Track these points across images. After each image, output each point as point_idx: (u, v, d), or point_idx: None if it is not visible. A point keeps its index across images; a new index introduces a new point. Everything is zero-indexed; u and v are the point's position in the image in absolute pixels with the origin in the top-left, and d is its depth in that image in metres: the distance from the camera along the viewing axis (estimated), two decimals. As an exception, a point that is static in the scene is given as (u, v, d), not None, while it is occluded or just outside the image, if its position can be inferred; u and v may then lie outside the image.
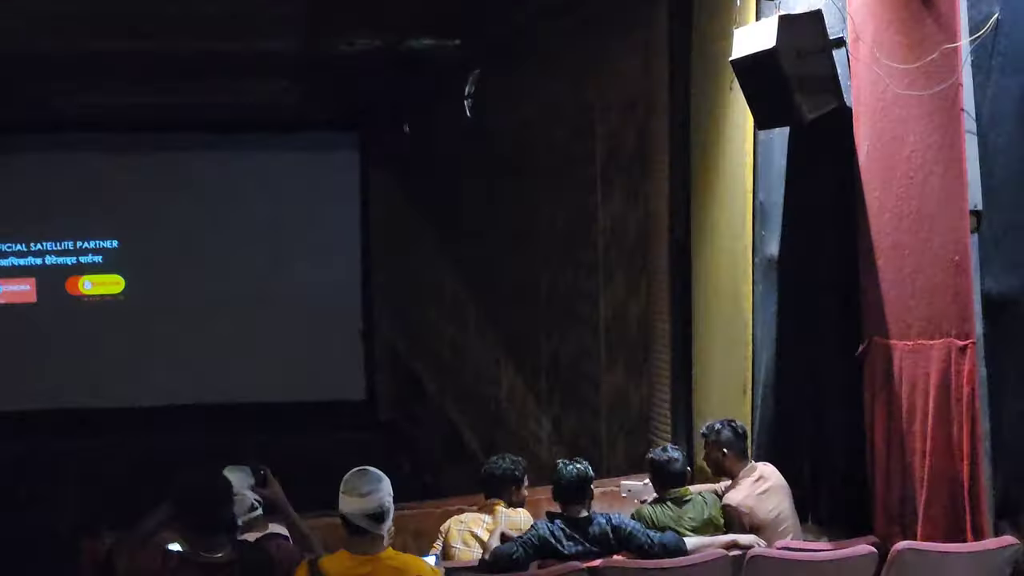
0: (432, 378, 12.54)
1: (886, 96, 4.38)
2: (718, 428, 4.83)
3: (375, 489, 3.52)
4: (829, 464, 4.91)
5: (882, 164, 4.46)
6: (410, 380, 13.17)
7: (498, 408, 10.32)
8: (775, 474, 4.73)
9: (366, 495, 3.50)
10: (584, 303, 8.21)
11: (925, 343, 4.25)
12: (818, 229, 4.97)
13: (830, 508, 4.87)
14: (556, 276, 8.92)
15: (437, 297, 12.37)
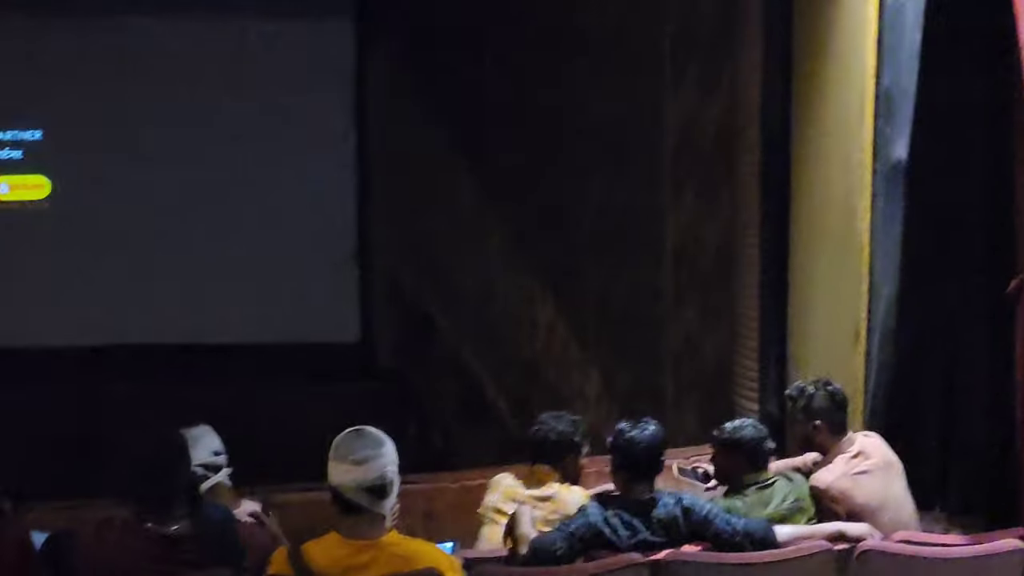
0: (445, 316, 12.57)
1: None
2: (810, 392, 4.77)
3: (375, 455, 3.55)
4: (965, 435, 4.92)
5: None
6: (417, 318, 13.20)
7: (533, 357, 10.36)
8: (881, 449, 4.71)
9: (363, 463, 3.53)
10: (645, 221, 8.20)
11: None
12: (962, 128, 4.91)
13: (964, 492, 4.87)
14: (609, 186, 8.88)
15: (453, 211, 12.34)
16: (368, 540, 3.56)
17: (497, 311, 11.24)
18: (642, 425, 4.29)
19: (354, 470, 3.52)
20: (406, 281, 13.65)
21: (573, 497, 4.69)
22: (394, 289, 13.95)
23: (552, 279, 10.05)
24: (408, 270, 13.67)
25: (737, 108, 6.85)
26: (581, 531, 4.07)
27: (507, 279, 11.02)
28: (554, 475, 4.78)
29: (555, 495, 4.70)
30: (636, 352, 8.42)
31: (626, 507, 4.16)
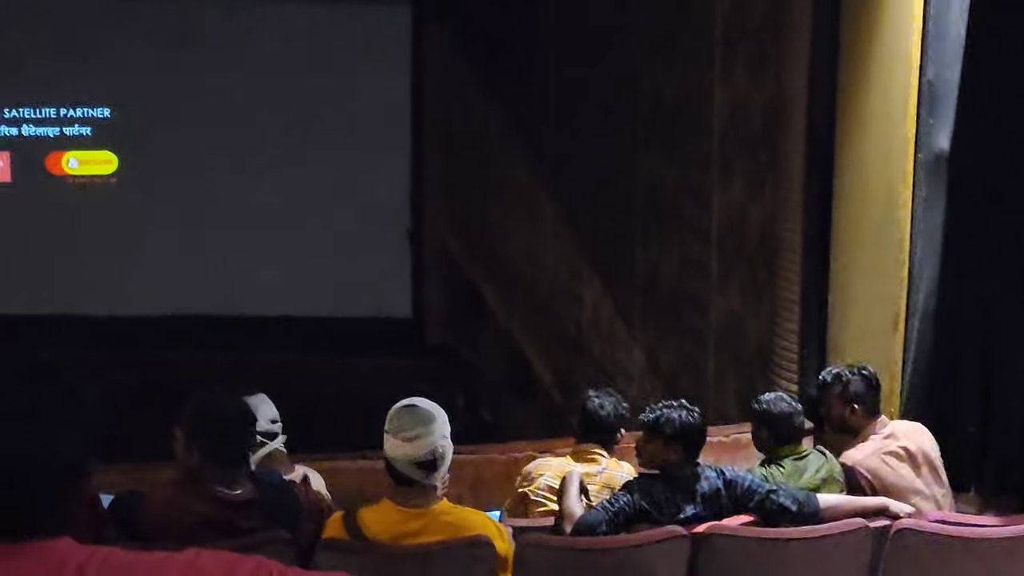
0: (495, 293, 12.61)
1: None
2: (847, 377, 4.80)
3: (426, 431, 3.57)
4: (1002, 420, 4.89)
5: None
6: (467, 295, 13.27)
7: (579, 333, 10.37)
8: (914, 434, 4.70)
9: (415, 439, 3.55)
10: (692, 204, 8.18)
11: None
12: (1007, 118, 4.85)
13: (1001, 475, 4.85)
14: (657, 168, 8.87)
15: (505, 192, 12.37)
16: (420, 509, 3.60)
17: (545, 288, 11.28)
18: (693, 411, 4.28)
19: (406, 446, 3.55)
20: (458, 259, 13.72)
21: (622, 472, 4.72)
22: (446, 267, 14.02)
23: (600, 257, 10.06)
24: (460, 249, 13.73)
25: (784, 95, 6.81)
26: (625, 508, 4.06)
27: (555, 257, 11.04)
28: (603, 451, 4.81)
29: (604, 470, 4.72)
30: (679, 330, 8.42)
31: (670, 483, 4.14)
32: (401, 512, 3.60)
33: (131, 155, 13.76)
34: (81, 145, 13.91)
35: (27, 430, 1.75)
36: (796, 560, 3.77)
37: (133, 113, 13.61)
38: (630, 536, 3.87)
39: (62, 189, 13.89)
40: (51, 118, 13.81)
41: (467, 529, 3.62)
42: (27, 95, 13.68)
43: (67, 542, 1.74)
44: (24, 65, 13.25)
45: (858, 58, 6.07)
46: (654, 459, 4.25)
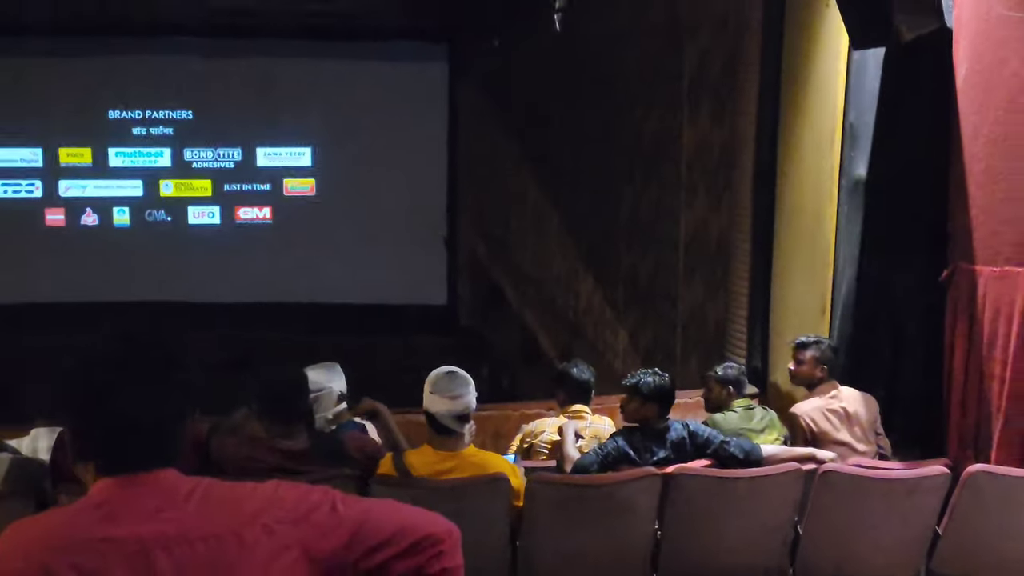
0: (511, 286, 12.60)
1: (989, 17, 4.18)
2: (824, 344, 4.80)
3: (465, 392, 3.60)
4: (905, 387, 4.85)
5: (980, 88, 4.28)
6: (490, 287, 13.25)
7: (576, 318, 10.35)
8: (855, 400, 4.67)
9: (456, 398, 3.57)
10: (665, 218, 8.14)
11: (1013, 270, 4.14)
12: (909, 152, 4.82)
13: (904, 431, 4.82)
14: (639, 191, 8.83)
15: (519, 207, 12.36)
16: (453, 452, 3.62)
17: (550, 283, 11.26)
18: (664, 376, 4.29)
19: (449, 403, 3.56)
20: (483, 259, 13.71)
21: (605, 425, 4.73)
22: (474, 265, 14.02)
23: (592, 260, 10.04)
24: (484, 251, 13.72)
25: (736, 134, 6.78)
26: (612, 453, 4.07)
27: (558, 259, 11.02)
28: (587, 409, 4.81)
29: (591, 424, 4.72)
30: (654, 317, 8.40)
31: (646, 434, 4.15)
32: (438, 454, 3.62)
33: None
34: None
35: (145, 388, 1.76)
36: (743, 495, 3.76)
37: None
38: (615, 475, 3.88)
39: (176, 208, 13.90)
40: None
41: (489, 468, 3.64)
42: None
43: (175, 473, 1.75)
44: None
45: (795, 104, 6.04)
46: (635, 414, 4.24)
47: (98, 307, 12.48)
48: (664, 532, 3.75)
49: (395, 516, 1.82)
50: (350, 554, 1.76)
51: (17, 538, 1.68)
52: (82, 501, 1.72)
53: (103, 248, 13.46)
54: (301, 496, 1.77)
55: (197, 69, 13.17)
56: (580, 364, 4.97)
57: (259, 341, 11.72)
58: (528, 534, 3.64)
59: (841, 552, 3.81)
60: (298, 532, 1.73)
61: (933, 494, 3.78)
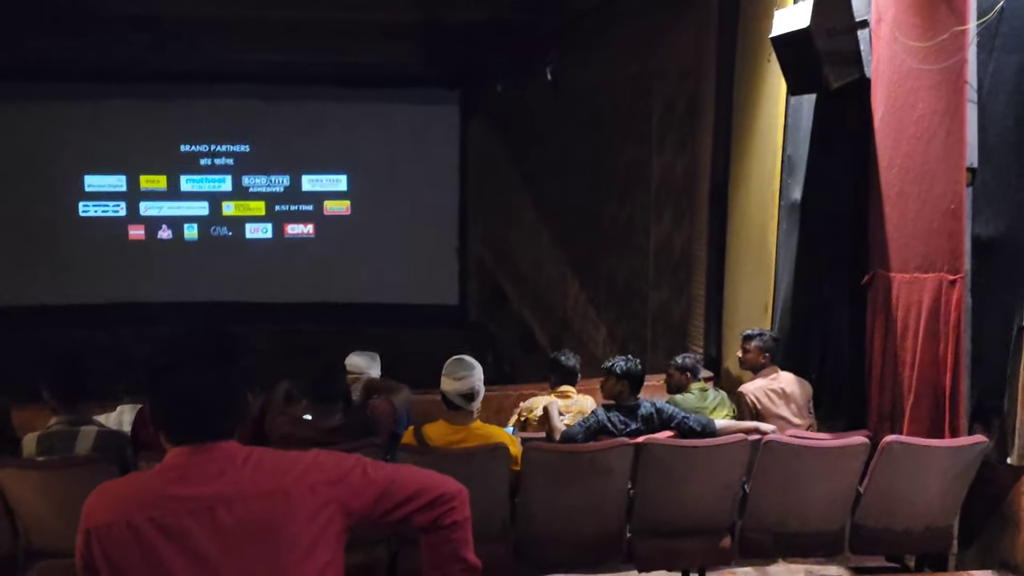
0: (512, 288, 12.60)
1: (901, 69, 4.20)
2: (766, 336, 4.82)
3: (469, 375, 3.58)
4: (833, 372, 4.85)
5: (894, 126, 4.30)
6: (495, 289, 13.25)
7: (565, 315, 10.36)
8: (791, 383, 4.66)
9: (461, 379, 3.57)
10: (637, 233, 8.15)
11: (921, 276, 4.15)
12: (835, 179, 4.83)
13: (832, 408, 4.83)
14: (616, 210, 8.84)
15: (519, 222, 12.36)
16: (462, 426, 3.62)
17: (543, 285, 11.26)
18: (636, 361, 4.31)
19: (456, 383, 3.57)
20: (488, 266, 13.71)
21: (588, 402, 4.73)
22: (481, 271, 14.01)
23: (578, 266, 10.04)
24: (490, 259, 13.72)
25: (696, 164, 6.78)
26: (593, 425, 4.07)
27: (550, 266, 11.02)
28: (573, 389, 4.83)
29: (576, 402, 4.73)
30: (629, 314, 8.40)
31: (621, 409, 4.16)
32: (450, 427, 3.62)
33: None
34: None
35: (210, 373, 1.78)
36: (701, 461, 3.75)
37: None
38: (596, 443, 3.86)
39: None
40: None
41: (492, 438, 3.64)
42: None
43: (234, 443, 1.77)
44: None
45: (743, 140, 6.04)
46: (610, 391, 4.25)
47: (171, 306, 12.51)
48: (636, 491, 3.75)
49: (415, 478, 1.85)
50: (379, 508, 1.79)
51: (104, 496, 1.70)
52: (159, 466, 1.74)
53: (176, 258, 13.49)
54: (338, 462, 1.80)
55: (254, 109, 13.20)
56: (568, 353, 4.98)
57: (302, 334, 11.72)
58: (524, 492, 3.64)
59: (781, 508, 3.81)
60: (336, 491, 1.75)
61: (856, 459, 3.78)
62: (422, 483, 1.84)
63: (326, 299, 13.38)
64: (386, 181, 13.61)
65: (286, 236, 13.99)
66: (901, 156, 4.25)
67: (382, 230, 13.66)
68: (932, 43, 3.96)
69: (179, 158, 13.51)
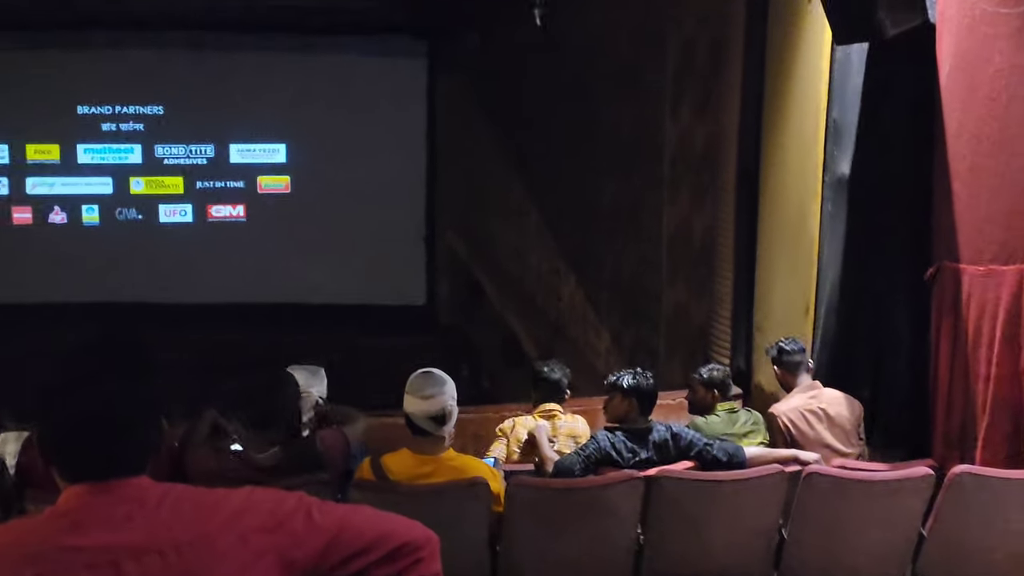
0: (492, 285, 12.60)
1: (974, 12, 4.22)
2: (769, 349, 4.95)
3: (439, 392, 3.57)
4: (890, 387, 4.87)
5: (964, 84, 4.32)
6: (470, 287, 13.25)
7: (558, 318, 10.37)
8: (836, 402, 4.69)
9: (430, 397, 3.55)
10: (647, 216, 8.16)
11: (997, 269, 4.17)
12: (893, 150, 4.84)
13: (888, 432, 4.85)
14: (620, 187, 8.85)
15: (500, 205, 12.36)
16: (431, 456, 3.61)
17: (531, 282, 11.27)
18: (646, 374, 4.31)
19: (423, 403, 3.55)
20: (463, 258, 13.70)
21: (578, 423, 4.76)
22: (454, 264, 14.00)
23: (574, 258, 10.05)
24: (464, 249, 13.71)
25: (720, 132, 6.81)
26: (594, 454, 4.07)
27: (539, 257, 11.04)
28: (559, 408, 4.83)
29: (565, 423, 4.75)
30: (637, 316, 8.42)
31: (629, 434, 4.16)
32: (416, 458, 3.61)
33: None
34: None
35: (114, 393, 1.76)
36: (727, 498, 3.78)
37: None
38: (597, 478, 3.88)
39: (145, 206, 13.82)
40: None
41: (468, 472, 3.63)
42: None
43: (146, 480, 1.75)
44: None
45: (778, 101, 6.07)
46: (616, 410, 4.26)
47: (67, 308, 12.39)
48: (647, 537, 3.76)
49: (373, 523, 1.83)
50: (326, 562, 1.77)
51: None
52: (50, 510, 1.71)
53: (72, 247, 13.37)
54: (276, 503, 1.78)
55: (170, 63, 13.09)
56: (553, 363, 5.02)
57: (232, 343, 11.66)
58: (508, 539, 3.64)
59: (826, 556, 3.84)
60: (273, 540, 1.73)
61: (917, 496, 3.81)
62: (382, 529, 1.83)
63: (260, 299, 13.31)
64: (335, 153, 13.54)
65: (210, 220, 13.91)
66: (973, 121, 4.28)
67: (330, 213, 13.60)
68: (1012, -19, 3.99)
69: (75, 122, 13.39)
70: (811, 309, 5.60)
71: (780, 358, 4.86)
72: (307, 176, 13.73)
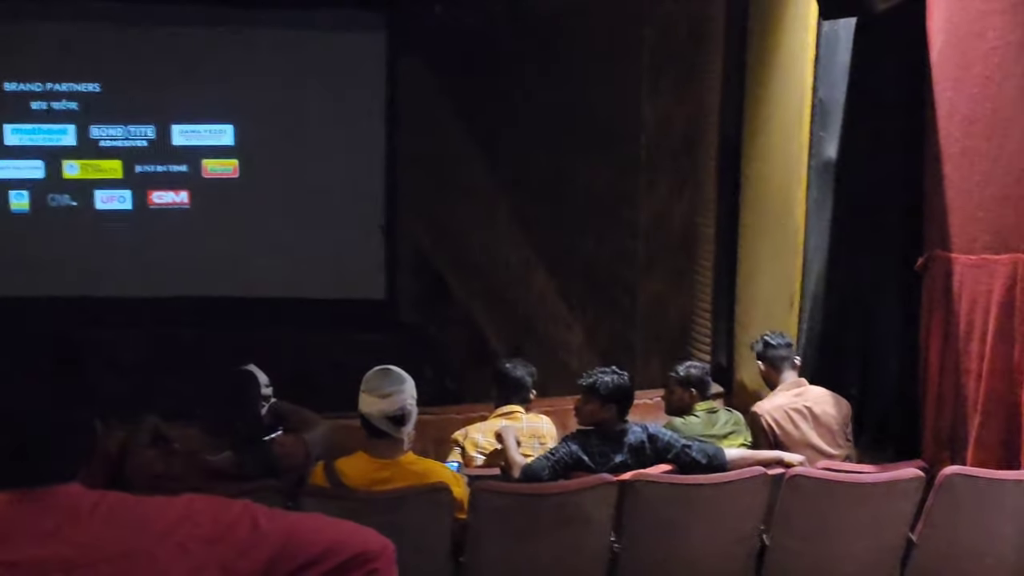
0: (457, 278, 12.58)
1: (966, -13, 4.28)
2: (754, 343, 4.98)
3: (398, 390, 3.59)
4: (878, 384, 4.95)
5: (956, 62, 4.38)
6: (434, 280, 13.21)
7: (528, 313, 10.38)
8: (823, 400, 4.74)
9: (388, 396, 3.57)
10: (623, 203, 8.17)
11: (990, 258, 4.24)
12: (882, 131, 4.91)
13: (877, 430, 4.92)
14: (593, 173, 8.86)
15: (465, 192, 12.34)
16: (389, 460, 3.62)
17: (499, 275, 11.26)
18: (623, 374, 4.33)
19: (380, 402, 3.56)
20: (426, 249, 13.66)
21: (542, 423, 4.78)
22: (416, 256, 13.95)
23: (545, 249, 10.05)
24: (427, 239, 13.67)
25: (700, 113, 6.85)
26: (564, 458, 4.09)
27: (508, 249, 11.03)
28: (521, 408, 4.85)
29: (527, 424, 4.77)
30: (612, 312, 8.44)
31: (603, 436, 4.18)
32: (373, 462, 3.62)
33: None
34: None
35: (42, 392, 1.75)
36: (706, 503, 3.81)
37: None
38: (567, 483, 3.90)
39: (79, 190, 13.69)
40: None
41: (429, 477, 3.65)
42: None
43: (77, 488, 1.74)
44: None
45: (762, 82, 6.11)
46: (592, 417, 4.27)
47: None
48: (621, 544, 3.79)
49: (324, 532, 1.83)
50: (273, 573, 1.77)
51: None
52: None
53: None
54: (218, 511, 1.77)
55: (105, 37, 12.94)
56: (516, 361, 5.03)
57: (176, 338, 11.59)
58: (472, 549, 3.65)
59: (811, 562, 3.88)
60: (215, 551, 1.73)
61: (907, 498, 3.85)
62: (334, 538, 1.83)
63: (206, 292, 13.21)
64: (286, 135, 13.45)
65: (151, 207, 13.77)
66: (966, 101, 4.34)
67: (281, 200, 13.50)
68: (1005, -47, 4.04)
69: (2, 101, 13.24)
70: (796, 302, 5.65)
71: (765, 352, 4.91)
72: (257, 160, 13.62)
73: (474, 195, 12.07)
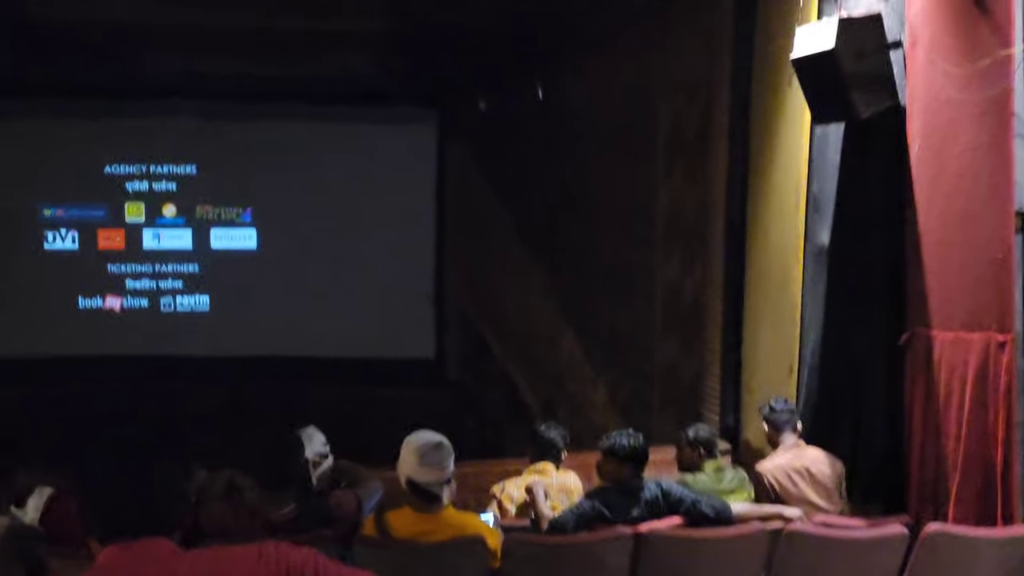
0: (496, 340, 12.62)
1: (940, 97, 4.32)
2: (761, 408, 4.92)
3: (451, 461, 3.64)
4: (868, 444, 4.90)
5: (932, 163, 4.40)
6: (476, 342, 13.26)
7: (558, 373, 10.37)
8: (819, 461, 4.69)
9: (445, 468, 3.62)
10: (641, 276, 8.20)
11: (966, 335, 4.22)
12: (868, 222, 4.92)
13: (867, 487, 4.86)
14: (616, 248, 8.90)
15: (503, 264, 12.41)
16: (432, 514, 3.64)
17: (533, 337, 11.28)
18: (638, 436, 4.34)
19: (438, 472, 3.59)
20: (469, 314, 13.73)
21: (570, 479, 4.78)
22: (461, 320, 14.03)
23: (573, 314, 10.07)
24: (471, 307, 13.74)
25: (709, 199, 6.88)
26: (587, 512, 4.10)
27: (540, 314, 11.05)
28: (552, 465, 4.85)
29: (557, 480, 4.77)
30: (632, 371, 8.43)
31: (621, 492, 4.19)
32: (418, 516, 3.64)
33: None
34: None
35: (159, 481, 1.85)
36: (712, 554, 3.79)
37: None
38: (588, 535, 3.91)
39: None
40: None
41: (467, 530, 3.65)
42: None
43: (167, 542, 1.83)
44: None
45: (762, 173, 6.14)
46: (611, 475, 4.29)
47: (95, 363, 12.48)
48: (636, 590, 3.77)
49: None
50: None
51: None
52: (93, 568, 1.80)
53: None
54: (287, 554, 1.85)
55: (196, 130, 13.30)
56: (551, 423, 5.04)
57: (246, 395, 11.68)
58: (505, 594, 3.65)
59: (807, 609, 3.84)
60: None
61: (894, 553, 3.82)
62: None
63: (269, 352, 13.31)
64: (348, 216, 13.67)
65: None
66: (941, 197, 4.36)
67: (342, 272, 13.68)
68: (973, 68, 4.08)
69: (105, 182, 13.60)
70: (795, 369, 5.63)
71: (770, 416, 4.89)
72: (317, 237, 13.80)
73: (511, 267, 12.14)
